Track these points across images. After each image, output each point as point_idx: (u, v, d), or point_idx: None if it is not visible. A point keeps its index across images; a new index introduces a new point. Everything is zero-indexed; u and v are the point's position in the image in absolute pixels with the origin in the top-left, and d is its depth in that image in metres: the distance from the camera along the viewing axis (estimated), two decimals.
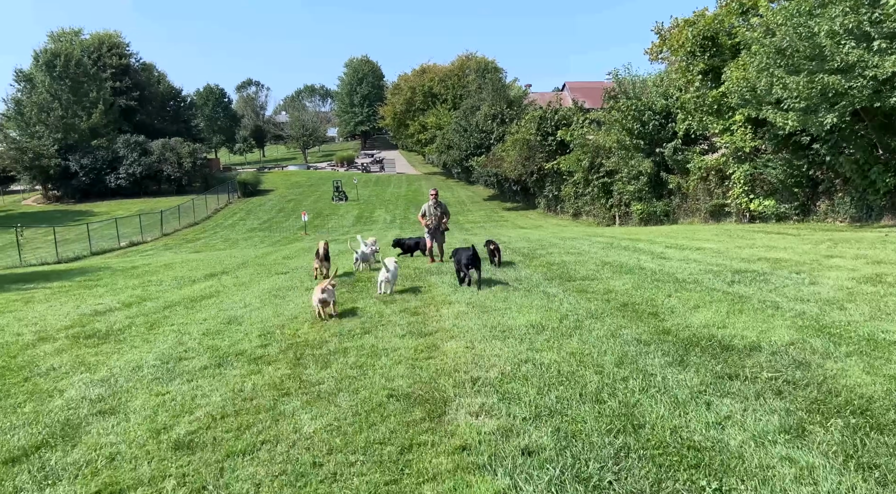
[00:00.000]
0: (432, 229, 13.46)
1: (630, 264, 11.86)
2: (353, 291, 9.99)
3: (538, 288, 9.17)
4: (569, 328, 6.38)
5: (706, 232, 20.08)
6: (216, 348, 6.51)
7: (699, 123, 23.07)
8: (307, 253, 19.06)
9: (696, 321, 6.54)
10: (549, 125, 39.60)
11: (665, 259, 12.63)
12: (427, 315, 7.49)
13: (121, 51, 71.09)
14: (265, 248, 26.36)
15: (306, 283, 11.48)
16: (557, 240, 18.95)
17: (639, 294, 8.35)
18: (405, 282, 10.73)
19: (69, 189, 60.82)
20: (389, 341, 6.15)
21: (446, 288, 9.74)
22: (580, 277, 10.23)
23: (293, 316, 7.99)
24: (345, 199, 53.75)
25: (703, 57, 22.06)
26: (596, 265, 11.85)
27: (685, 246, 15.16)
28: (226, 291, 11.27)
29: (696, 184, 26.18)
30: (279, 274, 13.56)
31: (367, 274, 12.13)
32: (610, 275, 10.32)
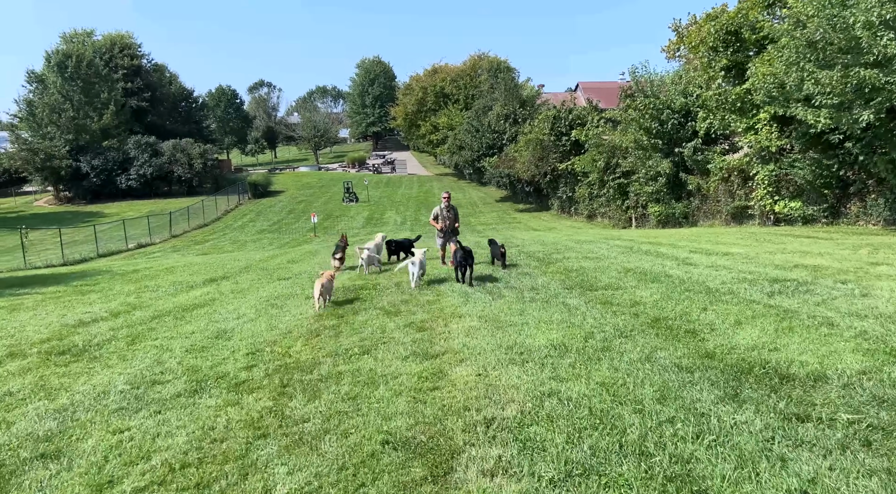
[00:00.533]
0: (446, 232, 12.91)
1: (654, 271, 11.01)
2: (357, 302, 9.23)
3: (557, 298, 8.36)
4: (596, 349, 5.57)
5: (730, 235, 19.14)
6: (196, 369, 5.77)
7: (721, 122, 22.10)
8: (312, 256, 18.37)
9: (741, 341, 5.70)
10: (563, 125, 38.69)
11: (691, 265, 11.76)
12: (434, 330, 6.71)
13: (132, 51, 71.01)
14: (272, 251, 25.73)
15: (307, 290, 10.75)
16: (573, 244, 18.10)
17: (669, 306, 7.52)
18: (411, 290, 9.96)
19: (80, 190, 60.72)
20: (390, 364, 5.38)
21: (456, 297, 8.96)
22: (602, 286, 9.40)
23: (287, 331, 7.25)
24: (355, 201, 53.15)
25: (725, 52, 21.10)
26: (618, 272, 11.01)
27: (711, 250, 14.26)
28: (221, 299, 10.56)
29: (717, 185, 25.18)
30: (280, 280, 12.85)
31: (373, 281, 11.37)
32: (634, 284, 9.48)
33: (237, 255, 22.06)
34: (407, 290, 9.97)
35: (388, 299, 9.17)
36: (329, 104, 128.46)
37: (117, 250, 35.43)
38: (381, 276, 11.88)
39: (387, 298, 9.29)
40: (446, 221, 12.91)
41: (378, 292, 9.96)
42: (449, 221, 12.91)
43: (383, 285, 10.72)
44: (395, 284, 10.77)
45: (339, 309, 8.53)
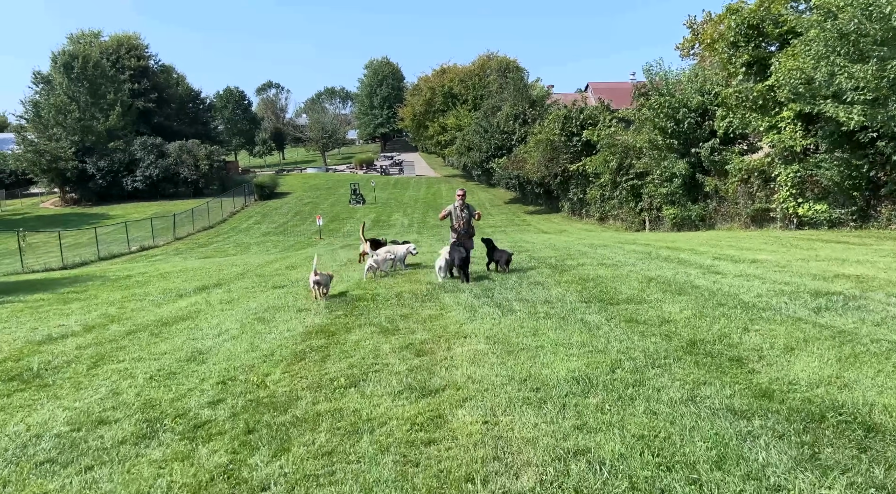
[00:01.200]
0: (461, 235, 11.79)
1: (679, 281, 10.06)
2: (352, 316, 8.35)
3: (575, 314, 7.45)
4: (626, 383, 4.66)
5: (753, 239, 18.13)
6: (154, 404, 4.92)
7: (741, 121, 21.07)
8: (312, 261, 17.53)
9: (799, 373, 4.77)
10: (573, 125, 37.71)
11: (718, 274, 10.81)
12: (435, 355, 5.81)
13: (139, 52, 70.65)
14: (274, 254, 24.96)
15: (300, 302, 9.90)
16: (586, 248, 17.17)
17: (704, 325, 6.59)
18: (413, 302, 9.08)
19: (86, 191, 60.36)
20: (379, 403, 4.48)
21: (462, 312, 8.06)
22: (624, 299, 8.47)
23: (269, 353, 6.38)
24: (362, 202, 52.40)
25: (746, 47, 20.07)
26: (639, 282, 10.07)
27: (736, 257, 13.28)
28: (207, 311, 9.72)
29: (736, 186, 24.14)
30: (275, 289, 12.01)
31: (372, 291, 10.49)
32: (660, 297, 8.54)
33: (236, 260, 21.29)
34: (408, 302, 9.08)
35: (387, 313, 8.29)
36: (337, 105, 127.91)
37: (119, 253, 34.85)
38: (380, 286, 11.00)
39: (385, 312, 8.41)
40: (460, 221, 11.79)
41: (377, 305, 9.09)
42: (463, 221, 11.78)
43: (383, 296, 9.84)
44: (396, 295, 9.88)
45: (330, 325, 7.66)
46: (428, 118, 69.74)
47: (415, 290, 10.29)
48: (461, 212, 11.78)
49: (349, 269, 14.32)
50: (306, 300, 10.05)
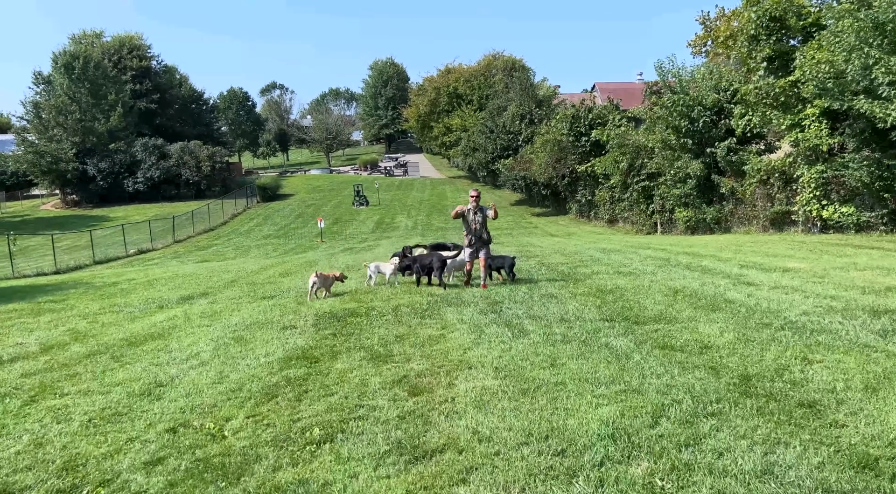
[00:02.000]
0: (474, 241, 10.59)
1: (709, 294, 9.01)
2: (341, 336, 7.34)
3: (598, 337, 6.42)
4: (677, 442, 3.62)
5: (776, 244, 17.04)
6: (78, 463, 3.92)
7: (762, 118, 19.97)
8: (309, 267, 16.56)
9: None
10: (582, 124, 36.63)
11: (751, 285, 9.75)
12: (433, 394, 4.79)
13: (142, 53, 69.94)
14: (273, 259, 24.00)
15: (286, 317, 8.91)
16: (599, 254, 16.14)
17: (754, 354, 5.55)
18: (411, 319, 8.06)
19: (87, 193, 59.69)
20: (357, 471, 3.46)
21: (467, 332, 7.04)
22: (651, 317, 7.43)
23: (237, 387, 5.37)
24: (366, 204, 51.45)
25: (768, 41, 18.97)
26: (664, 295, 9.02)
27: (765, 265, 12.22)
28: (184, 327, 8.73)
29: (754, 188, 23.03)
30: (263, 300, 11.02)
31: (367, 304, 9.48)
32: (691, 314, 7.50)
33: (230, 265, 20.33)
34: (406, 319, 8.07)
35: (381, 333, 7.28)
36: (342, 106, 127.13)
37: (116, 257, 34.00)
38: (377, 298, 9.99)
39: (379, 331, 7.40)
40: (475, 226, 10.46)
41: (370, 321, 8.08)
42: (478, 226, 10.48)
43: (378, 311, 8.83)
44: (393, 309, 8.88)
45: (315, 348, 6.66)
46: (433, 119, 68.75)
47: (414, 303, 9.29)
48: (475, 216, 10.51)
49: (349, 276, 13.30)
50: (294, 314, 9.05)
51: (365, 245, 31.07)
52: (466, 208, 10.60)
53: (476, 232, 10.50)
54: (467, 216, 10.55)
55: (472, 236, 10.52)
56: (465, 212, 10.58)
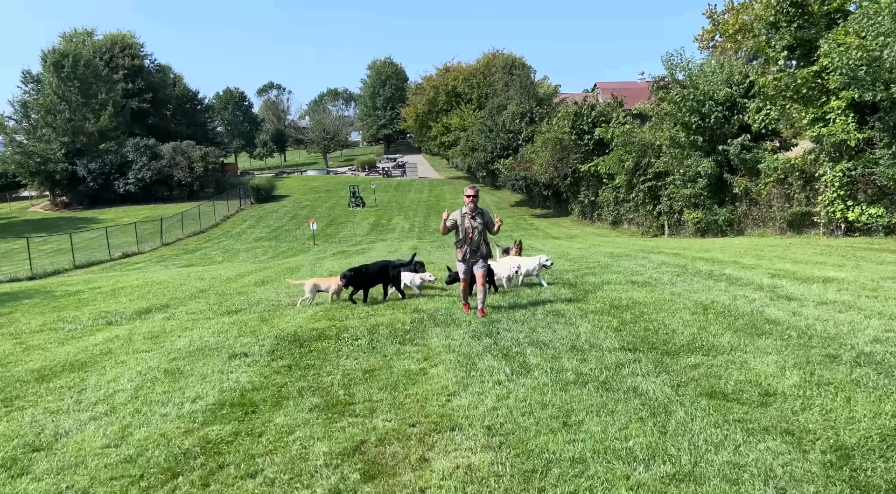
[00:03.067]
0: (468, 255, 8.06)
1: (744, 311, 7.58)
2: (298, 369, 5.90)
3: (622, 377, 4.97)
4: None
5: (801, 249, 15.59)
6: None
7: (781, 112, 18.51)
8: (291, 274, 15.12)
9: None
10: (584, 122, 35.15)
11: (791, 299, 8.31)
12: (395, 480, 3.34)
13: (134, 51, 68.46)
14: (257, 264, 22.54)
15: (243, 338, 7.47)
16: (607, 259, 14.68)
17: (840, 407, 4.10)
18: (388, 345, 6.61)
19: (77, 195, 58.29)
20: None
21: (454, 365, 5.59)
22: (683, 344, 5.98)
23: (132, 457, 3.92)
24: (362, 206, 50.00)
25: (788, 28, 17.51)
26: (691, 313, 7.58)
27: (798, 273, 10.76)
28: (118, 353, 7.29)
29: (770, 187, 21.57)
30: (226, 315, 9.59)
31: (341, 323, 8.02)
32: (733, 341, 6.05)
33: (209, 271, 18.88)
34: (382, 345, 6.63)
35: (347, 367, 5.84)
36: (341, 107, 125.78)
37: (98, 260, 32.51)
38: (353, 315, 8.54)
39: (345, 363, 5.96)
40: (471, 233, 7.98)
41: (338, 347, 6.64)
42: (475, 235, 8.00)
43: (352, 332, 7.40)
44: (370, 330, 7.43)
45: (259, 389, 5.22)
46: (431, 118, 67.29)
47: (396, 322, 7.85)
48: (472, 221, 7.99)
49: None
50: (252, 336, 7.61)
51: (358, 248, 29.64)
52: (461, 212, 8.09)
53: (473, 242, 7.99)
54: (462, 221, 8.03)
55: (467, 247, 8.00)
56: (459, 217, 8.08)
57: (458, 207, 8.38)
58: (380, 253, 24.64)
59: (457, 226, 8.11)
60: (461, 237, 8.09)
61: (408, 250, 24.90)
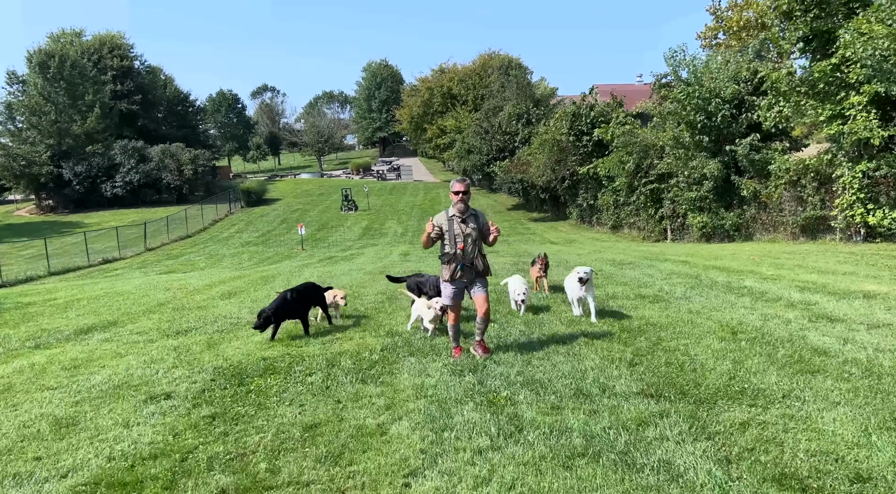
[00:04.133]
0: (458, 272, 6.01)
1: (780, 335, 6.27)
2: (226, 415, 4.56)
3: (646, 443, 3.65)
4: None
5: (821, 256, 14.29)
6: None
7: (796, 109, 17.24)
8: (264, 285, 13.78)
9: None
10: (583, 123, 33.83)
11: (834, 320, 7.00)
12: None
13: (123, 52, 67.03)
14: (234, 271, 21.15)
15: (177, 370, 6.14)
16: (610, 268, 13.38)
17: None
18: (347, 383, 5.26)
19: (63, 198, 56.88)
20: None
21: (421, 424, 4.26)
22: (719, 387, 4.66)
23: None
24: (354, 209, 48.65)
25: (804, 17, 16.25)
26: (718, 338, 6.26)
27: (830, 286, 9.45)
28: (14, 391, 5.93)
29: (781, 190, 20.30)
30: (173, 336, 8.25)
31: (297, 352, 6.69)
32: (782, 381, 4.73)
33: (182, 279, 17.49)
34: (338, 384, 5.29)
35: (287, 416, 4.51)
36: (336, 109, 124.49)
37: (76, 267, 31.10)
38: (316, 342, 7.21)
39: (285, 412, 4.63)
40: (461, 243, 5.95)
41: (284, 387, 5.30)
42: (468, 244, 5.96)
43: (308, 364, 6.06)
44: (330, 361, 6.10)
45: (156, 457, 3.87)
46: (426, 120, 65.99)
47: (363, 350, 6.51)
48: (462, 226, 6.00)
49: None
50: (188, 367, 6.28)
51: (347, 253, 28.33)
52: (446, 214, 6.09)
53: (466, 254, 5.96)
54: (450, 227, 5.99)
55: (456, 262, 5.97)
56: (446, 222, 6.04)
57: (444, 210, 6.29)
58: (370, 259, 23.30)
59: (442, 234, 6.04)
60: (448, 250, 6.00)
61: (399, 256, 23.66)
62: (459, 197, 6.09)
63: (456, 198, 6.11)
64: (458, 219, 6.04)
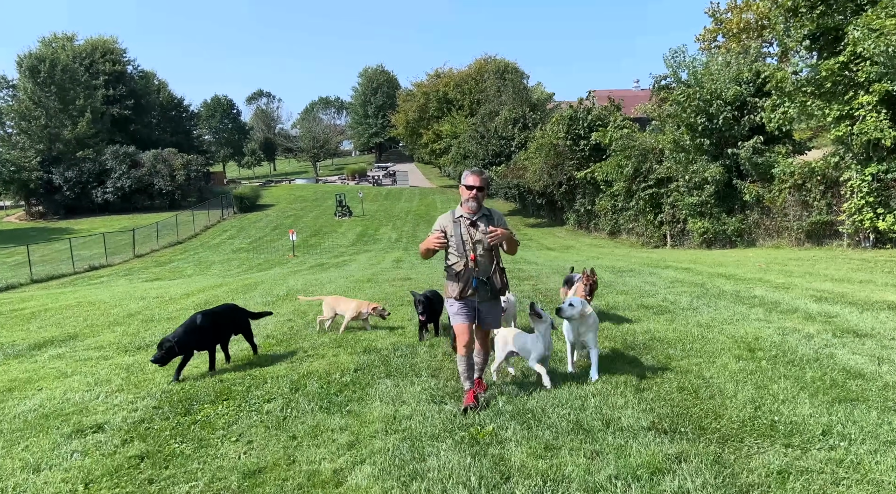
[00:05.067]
0: (467, 288, 4.62)
1: (806, 354, 5.55)
2: (150, 464, 3.80)
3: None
4: None
5: (831, 263, 13.59)
6: None
7: (802, 110, 16.58)
8: (247, 292, 13.02)
9: None
10: (580, 126, 33.20)
11: (861, 335, 6.29)
12: None
13: (115, 57, 66.31)
14: (218, 279, 20.37)
15: (120, 395, 5.39)
16: (609, 275, 12.65)
17: None
18: (309, 414, 4.51)
19: (52, 204, 56.04)
20: None
21: (385, 473, 3.51)
22: (743, 419, 3.93)
23: None
24: (348, 215, 47.92)
25: (810, 14, 15.61)
26: (734, 356, 5.53)
27: (849, 296, 8.74)
28: None
29: (786, 194, 19.63)
30: (131, 353, 7.51)
31: (260, 373, 5.94)
32: (817, 412, 4.00)
33: (158, 288, 16.70)
34: (295, 420, 4.54)
35: (221, 467, 3.77)
36: (332, 115, 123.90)
37: (61, 274, 30.25)
38: (281, 361, 6.46)
39: (223, 458, 3.89)
40: (470, 252, 4.65)
41: (234, 418, 4.56)
42: (481, 250, 4.67)
43: (268, 388, 5.30)
44: (294, 386, 5.34)
45: None
46: (422, 125, 65.39)
47: (334, 370, 5.77)
48: (472, 230, 4.70)
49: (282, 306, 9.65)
50: (134, 391, 5.53)
51: (339, 260, 27.61)
52: (453, 215, 4.81)
53: (480, 267, 4.64)
54: (457, 233, 4.69)
55: (468, 277, 4.61)
56: (451, 225, 4.74)
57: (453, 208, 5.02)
58: (361, 266, 22.55)
59: (447, 241, 4.67)
60: (453, 260, 4.67)
61: (391, 262, 22.89)
62: (472, 193, 4.72)
63: (468, 193, 4.73)
64: (467, 222, 4.70)
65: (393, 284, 12.91)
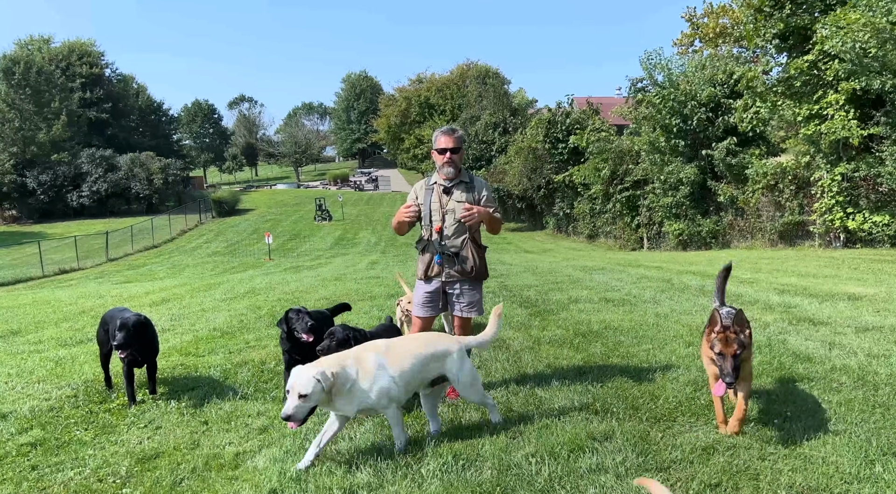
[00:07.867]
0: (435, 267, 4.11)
1: (758, 340, 5.37)
2: (41, 453, 3.51)
3: (576, 472, 2.68)
4: None
5: (801, 261, 13.55)
6: None
7: (772, 109, 16.61)
8: (207, 291, 12.67)
9: None
10: (559, 130, 33.22)
11: (817, 324, 6.14)
12: None
13: (93, 60, 65.44)
14: (186, 280, 19.95)
15: (39, 385, 5.08)
16: (579, 273, 12.51)
17: None
18: (220, 404, 4.24)
19: (26, 208, 54.93)
20: None
21: (290, 454, 3.25)
22: (680, 401, 3.73)
23: None
24: (328, 219, 47.52)
25: (780, 13, 15.65)
26: (685, 343, 5.38)
27: (811, 289, 8.64)
28: None
29: (759, 195, 19.67)
30: (67, 347, 7.21)
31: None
32: (772, 399, 3.81)
33: (118, 288, 16.30)
34: (214, 403, 4.27)
35: (115, 453, 3.51)
36: (315, 121, 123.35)
37: (29, 277, 29.55)
38: (224, 348, 6.18)
39: (122, 443, 3.63)
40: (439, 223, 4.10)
41: (151, 403, 4.26)
42: (452, 220, 4.09)
43: (198, 376, 5.03)
44: (225, 372, 5.07)
45: None
46: (404, 130, 65.25)
47: (270, 359, 5.50)
48: (444, 197, 4.14)
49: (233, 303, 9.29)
50: (58, 380, 5.21)
51: (315, 262, 27.22)
52: (425, 183, 4.31)
53: (446, 240, 4.10)
54: (426, 200, 4.19)
55: (432, 252, 4.13)
56: (422, 193, 4.23)
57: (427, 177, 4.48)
58: (337, 268, 22.22)
59: (420, 215, 4.17)
60: (425, 239, 4.17)
61: (366, 264, 22.57)
62: (447, 157, 4.09)
63: (441, 158, 4.11)
64: (440, 188, 4.11)
65: (359, 282, 12.65)
